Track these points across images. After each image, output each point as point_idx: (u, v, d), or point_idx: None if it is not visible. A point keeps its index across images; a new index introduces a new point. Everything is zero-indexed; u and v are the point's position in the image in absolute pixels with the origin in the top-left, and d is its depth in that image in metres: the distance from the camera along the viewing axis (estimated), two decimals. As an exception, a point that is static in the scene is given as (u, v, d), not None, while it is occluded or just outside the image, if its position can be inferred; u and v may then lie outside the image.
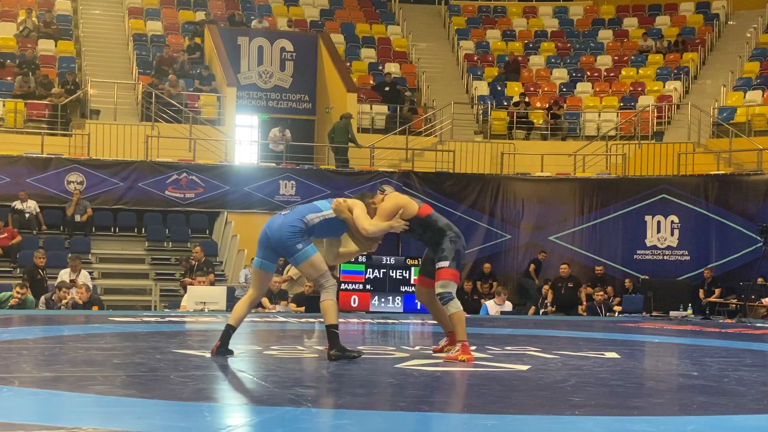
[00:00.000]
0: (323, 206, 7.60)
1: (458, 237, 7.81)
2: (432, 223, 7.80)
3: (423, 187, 19.97)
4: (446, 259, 7.69)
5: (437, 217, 7.88)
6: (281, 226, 7.45)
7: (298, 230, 7.40)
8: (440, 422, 4.96)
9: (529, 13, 28.27)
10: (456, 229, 7.89)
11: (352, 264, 16.00)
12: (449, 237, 7.75)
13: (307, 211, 7.54)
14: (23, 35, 23.31)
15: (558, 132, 23.06)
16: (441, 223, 7.84)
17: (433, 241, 7.83)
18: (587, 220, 19.92)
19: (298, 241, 7.39)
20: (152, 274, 18.49)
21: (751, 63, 24.30)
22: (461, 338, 7.63)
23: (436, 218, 7.84)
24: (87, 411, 5.08)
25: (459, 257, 7.78)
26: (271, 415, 4.99)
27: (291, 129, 22.09)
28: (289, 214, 7.53)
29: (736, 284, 18.14)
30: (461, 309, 7.72)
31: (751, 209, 18.72)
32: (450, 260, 7.69)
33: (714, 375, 7.25)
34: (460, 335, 7.64)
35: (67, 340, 9.02)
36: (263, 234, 7.57)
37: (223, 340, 7.61)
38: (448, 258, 7.69)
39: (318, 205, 7.63)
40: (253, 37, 23.85)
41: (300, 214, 7.47)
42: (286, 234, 7.40)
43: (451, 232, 7.79)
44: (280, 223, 7.48)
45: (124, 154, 19.76)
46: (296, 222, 7.41)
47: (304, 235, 7.42)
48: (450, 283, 7.68)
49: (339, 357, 7.44)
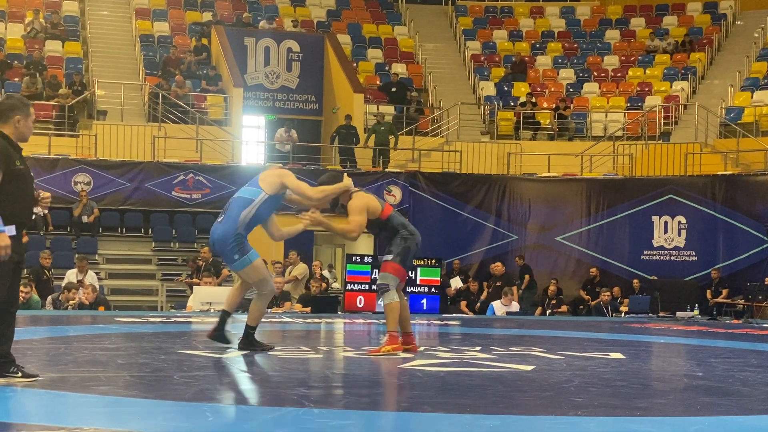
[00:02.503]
0: (252, 194, 7.68)
1: (411, 235, 8.17)
2: (389, 223, 8.16)
3: (429, 187, 19.96)
4: (392, 253, 8.09)
5: (394, 216, 8.25)
6: (220, 238, 7.60)
7: (232, 240, 7.55)
8: (443, 423, 4.96)
9: (536, 13, 28.23)
10: (411, 228, 8.28)
11: (358, 264, 16.02)
12: (401, 235, 8.12)
13: (239, 209, 7.61)
14: (31, 36, 23.36)
15: (565, 132, 23.03)
16: (396, 222, 8.20)
17: (387, 239, 8.21)
18: (594, 220, 19.88)
19: (235, 251, 7.59)
20: (159, 275, 18.52)
21: (759, 63, 24.24)
22: (391, 329, 8.04)
23: (392, 217, 8.21)
24: (90, 411, 5.09)
25: (406, 254, 8.13)
26: (274, 416, 4.99)
27: (297, 129, 22.10)
28: (225, 222, 7.62)
29: (743, 285, 18.09)
30: (395, 301, 8.05)
31: (759, 210, 18.66)
32: (395, 255, 8.07)
33: (719, 376, 7.23)
34: (390, 325, 8.04)
35: (72, 341, 9.03)
36: (210, 243, 7.88)
37: (219, 324, 7.93)
38: (393, 253, 8.09)
39: (246, 196, 7.68)
40: (259, 37, 23.86)
41: (234, 220, 7.57)
42: (223, 245, 7.60)
43: (405, 231, 8.15)
44: (219, 235, 7.61)
45: (130, 154, 19.79)
46: (232, 231, 7.55)
47: (240, 244, 7.58)
48: (389, 276, 8.06)
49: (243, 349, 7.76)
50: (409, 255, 8.15)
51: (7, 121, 5.89)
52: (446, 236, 19.44)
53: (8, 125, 5.89)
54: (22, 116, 5.91)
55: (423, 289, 16.12)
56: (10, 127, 5.89)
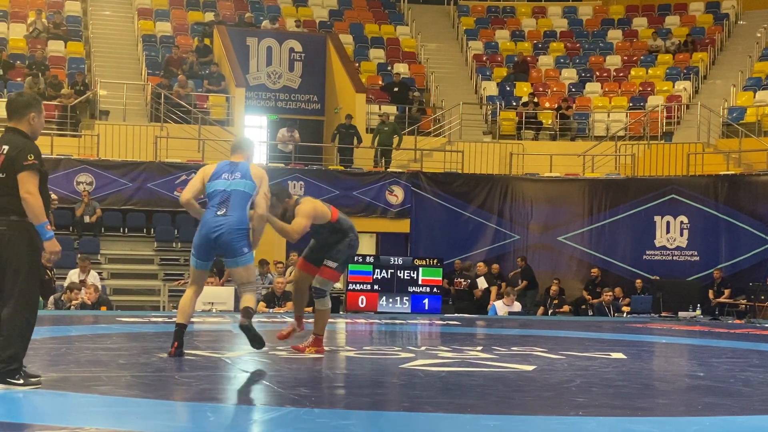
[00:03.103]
0: (251, 188, 7.67)
1: (356, 240, 8.41)
2: (338, 226, 8.30)
3: (432, 187, 19.95)
4: (336, 260, 8.24)
5: (343, 219, 8.38)
6: (231, 230, 7.50)
7: (244, 233, 7.57)
8: (444, 423, 4.96)
9: (538, 13, 28.21)
10: (355, 231, 8.44)
11: (360, 264, 16.02)
12: (349, 240, 8.30)
13: (244, 203, 7.60)
14: (33, 36, 23.38)
15: (567, 132, 23.01)
16: (345, 225, 8.34)
17: (333, 241, 8.30)
18: (596, 220, 19.87)
19: (245, 245, 7.57)
20: (161, 275, 18.52)
21: (761, 63, 24.21)
22: (318, 332, 8.28)
23: (341, 220, 8.35)
24: (91, 411, 5.09)
25: (347, 262, 8.50)
26: (275, 415, 5.00)
27: (300, 129, 22.10)
28: (234, 215, 7.54)
29: (745, 285, 18.08)
30: (329, 308, 8.38)
31: (761, 209, 18.65)
32: (339, 263, 8.26)
33: (721, 376, 7.23)
34: (318, 329, 8.29)
35: (73, 341, 9.04)
36: (204, 237, 7.59)
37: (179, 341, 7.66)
38: (338, 261, 8.25)
39: (247, 191, 7.66)
40: (262, 37, 23.86)
41: (243, 215, 7.56)
42: (235, 237, 7.51)
43: (352, 234, 8.34)
44: (230, 227, 7.50)
45: (133, 154, 19.79)
46: (243, 225, 7.56)
47: (248, 238, 7.63)
48: (329, 283, 8.32)
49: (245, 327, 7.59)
50: (348, 261, 8.58)
51: (21, 118, 5.83)
52: (448, 236, 19.42)
53: (23, 122, 5.83)
54: (36, 113, 5.86)
55: (425, 289, 16.12)
56: (25, 124, 5.83)
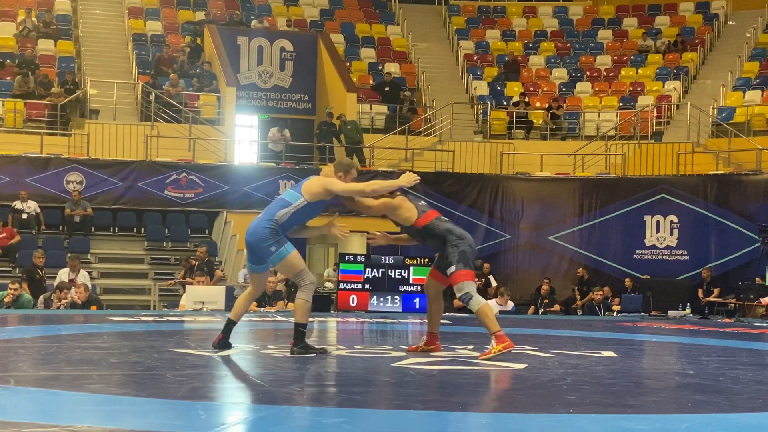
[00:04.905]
0: (292, 198, 7.64)
1: (460, 239, 7.86)
2: (430, 231, 7.89)
3: (422, 186, 19.88)
4: (452, 264, 7.79)
5: (436, 223, 7.92)
6: (255, 231, 7.58)
7: (268, 232, 7.51)
8: (435, 420, 4.96)
9: (528, 13, 28.27)
10: (459, 231, 7.93)
11: (350, 264, 16.02)
12: (450, 242, 7.84)
13: (277, 208, 7.62)
14: (23, 35, 23.32)
15: (557, 132, 23.06)
16: (440, 229, 7.89)
17: (436, 246, 7.95)
18: (587, 220, 19.92)
19: (271, 243, 7.51)
20: (151, 274, 18.50)
21: (751, 63, 24.30)
22: (494, 330, 7.73)
23: (433, 225, 7.90)
24: (82, 409, 5.08)
25: (465, 257, 7.83)
26: (266, 414, 5.00)
27: (291, 129, 22.09)
28: (261, 216, 7.65)
29: (735, 284, 18.13)
30: (485, 303, 7.82)
31: (750, 209, 18.72)
32: (456, 263, 7.78)
33: (710, 374, 7.25)
34: (492, 328, 7.74)
35: (64, 340, 9.02)
36: (245, 239, 7.72)
37: (225, 333, 7.87)
38: (453, 263, 7.79)
39: (287, 199, 7.67)
40: (252, 36, 23.85)
41: (270, 214, 7.58)
42: (259, 237, 7.53)
43: (452, 236, 7.85)
44: (254, 227, 7.61)
45: (123, 153, 19.77)
46: (266, 224, 7.53)
47: (275, 236, 7.53)
48: (465, 284, 7.78)
49: (301, 353, 7.59)
50: (468, 257, 7.85)
51: None
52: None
53: None
54: None
55: (416, 289, 16.12)
56: None
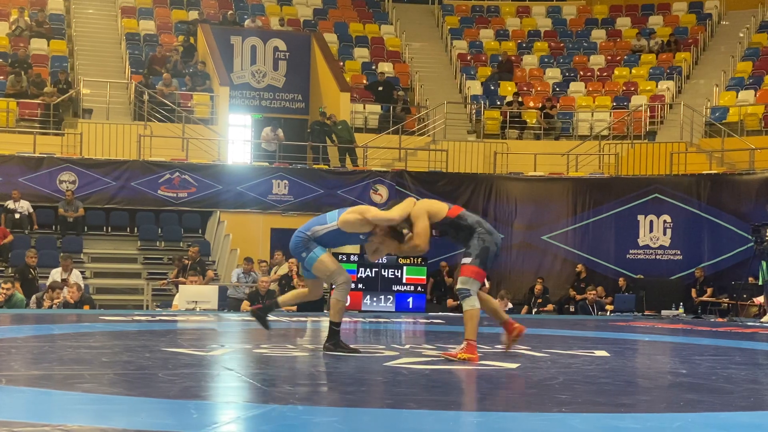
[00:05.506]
0: (330, 218, 8.02)
1: (488, 234, 7.85)
2: (461, 221, 7.89)
3: (416, 186, 19.96)
4: (470, 255, 7.76)
5: (467, 215, 7.96)
6: (292, 241, 8.07)
7: (300, 240, 7.95)
8: (428, 419, 4.96)
9: (522, 12, 28.28)
10: (487, 226, 7.94)
11: (344, 263, 15.99)
12: (478, 234, 7.81)
13: (315, 222, 8.08)
14: (15, 34, 23.27)
15: (551, 132, 23.08)
16: (471, 220, 7.91)
17: (462, 238, 7.92)
18: (580, 219, 19.93)
19: (302, 250, 7.94)
20: (144, 274, 18.46)
21: (744, 63, 24.34)
22: (469, 336, 7.62)
23: (465, 216, 7.93)
24: (74, 408, 5.07)
25: (485, 255, 7.79)
26: (258, 413, 4.99)
27: (284, 128, 22.07)
28: (302, 226, 8.12)
29: (728, 283, 18.17)
30: (477, 308, 7.71)
31: (743, 209, 18.74)
32: (473, 257, 7.75)
33: (703, 373, 7.26)
34: (470, 334, 7.62)
35: (56, 339, 9.00)
36: None
37: (265, 308, 8.38)
38: (471, 255, 7.76)
39: (326, 218, 8.07)
40: (246, 36, 23.82)
41: (307, 227, 8.05)
42: (293, 245, 8.02)
43: (481, 229, 7.85)
44: (292, 239, 8.07)
45: (116, 153, 19.73)
46: (300, 234, 7.99)
47: (307, 244, 7.92)
48: (470, 280, 7.74)
49: (331, 350, 7.87)
50: (489, 255, 7.79)
51: None
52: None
53: None
54: None
55: (409, 288, 16.13)
56: None
